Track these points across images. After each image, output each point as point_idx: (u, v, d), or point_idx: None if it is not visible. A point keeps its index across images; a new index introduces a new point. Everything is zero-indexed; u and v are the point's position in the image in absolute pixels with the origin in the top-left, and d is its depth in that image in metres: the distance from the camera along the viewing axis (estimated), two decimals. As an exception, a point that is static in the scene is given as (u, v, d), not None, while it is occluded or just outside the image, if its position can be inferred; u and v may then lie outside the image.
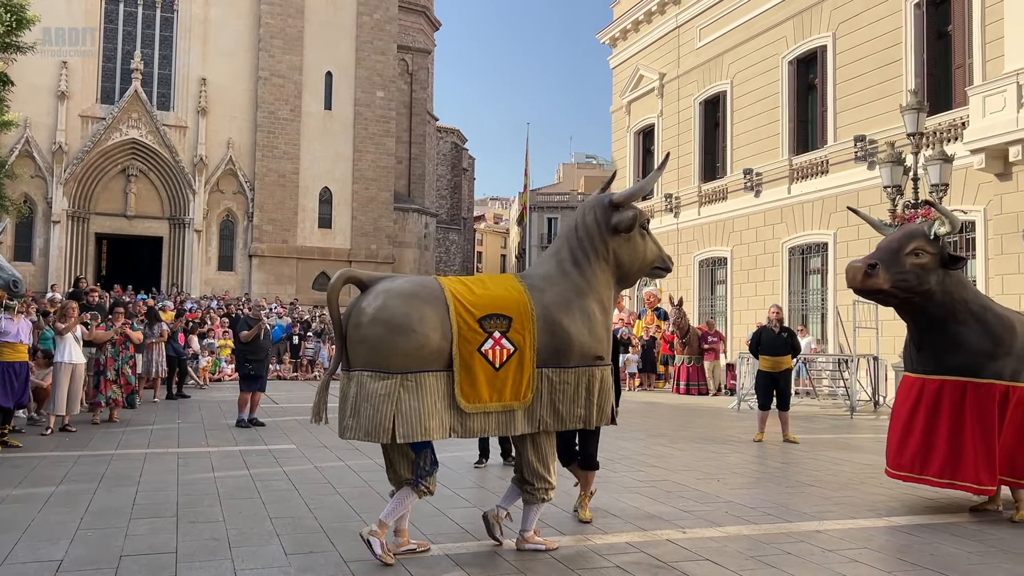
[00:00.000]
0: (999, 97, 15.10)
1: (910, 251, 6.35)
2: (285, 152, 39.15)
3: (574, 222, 5.62)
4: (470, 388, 5.04)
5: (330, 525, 5.95)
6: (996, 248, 15.87)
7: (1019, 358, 6.43)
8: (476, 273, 71.26)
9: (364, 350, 4.94)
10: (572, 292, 5.36)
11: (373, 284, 5.15)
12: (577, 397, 5.29)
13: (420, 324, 4.92)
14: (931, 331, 6.56)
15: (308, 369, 22.38)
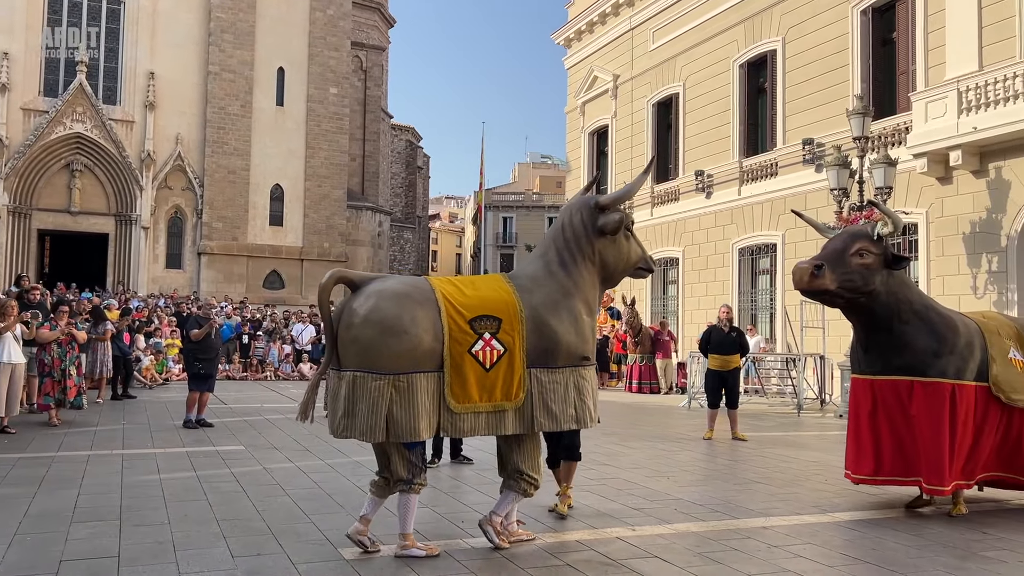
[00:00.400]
0: (941, 103, 15.50)
1: (855, 252, 6.45)
2: (236, 148, 38.59)
3: (560, 223, 5.67)
4: (460, 389, 5.09)
5: (279, 527, 5.87)
6: (938, 250, 16.31)
7: (962, 357, 6.55)
8: (431, 272, 71.03)
9: (356, 350, 4.97)
10: (559, 293, 5.42)
11: (364, 284, 5.19)
12: (568, 397, 5.35)
13: (412, 325, 4.96)
14: (877, 332, 6.65)
15: (258, 369, 22.06)
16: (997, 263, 15.08)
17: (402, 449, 5.12)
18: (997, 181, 15.11)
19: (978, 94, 14.79)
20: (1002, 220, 15.03)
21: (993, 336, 6.76)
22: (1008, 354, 6.76)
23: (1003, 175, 15.01)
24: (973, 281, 15.49)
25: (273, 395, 17.26)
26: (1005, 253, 14.95)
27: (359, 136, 46.06)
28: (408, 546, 5.11)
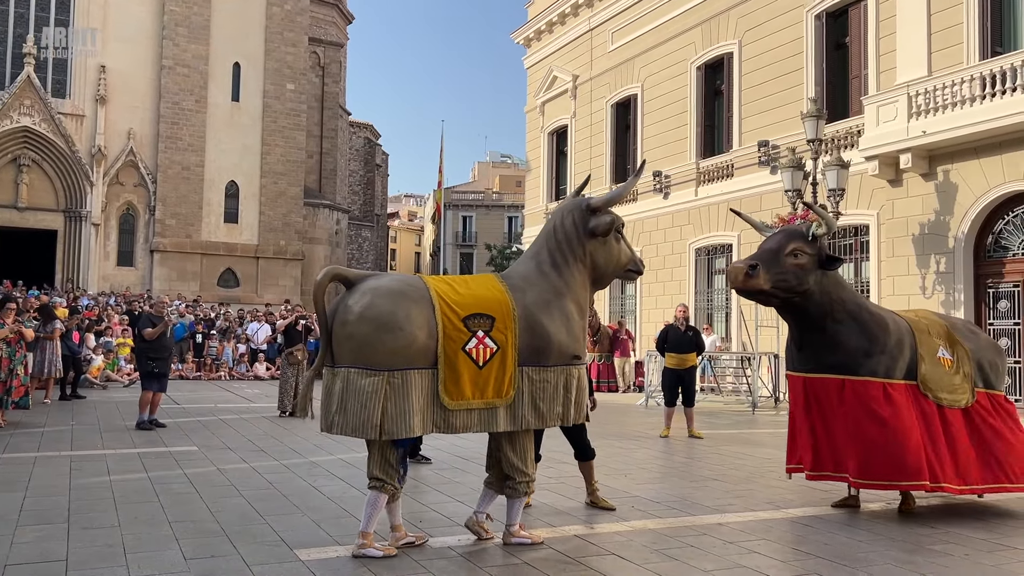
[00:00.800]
0: (891, 107, 15.85)
1: (789, 252, 6.50)
2: (190, 144, 37.93)
3: (552, 225, 5.74)
4: (454, 386, 5.14)
5: (233, 528, 5.78)
6: (888, 251, 16.66)
7: (892, 356, 6.64)
8: (390, 271, 70.66)
9: (351, 347, 5.01)
10: (551, 293, 5.48)
11: (359, 282, 5.23)
12: (556, 395, 5.42)
13: (407, 322, 5.01)
14: (810, 330, 6.72)
15: (212, 368, 21.72)
16: (945, 264, 15.46)
17: (385, 448, 5.15)
18: (945, 184, 15.49)
19: (927, 99, 15.15)
20: (950, 222, 15.41)
21: (923, 335, 6.87)
22: (937, 353, 6.86)
23: (951, 178, 15.39)
24: (922, 281, 15.86)
25: (227, 395, 17.01)
26: (952, 254, 15.33)
27: (316, 133, 45.57)
28: (366, 545, 5.09)
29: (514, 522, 5.53)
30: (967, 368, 6.98)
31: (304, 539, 5.53)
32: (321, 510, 6.44)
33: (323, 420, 5.20)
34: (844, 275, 17.93)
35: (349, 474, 8.03)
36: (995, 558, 5.43)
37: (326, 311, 5.19)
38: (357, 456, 9.15)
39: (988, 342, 7.56)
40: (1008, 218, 14.91)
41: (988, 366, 7.17)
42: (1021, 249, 14.67)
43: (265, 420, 12.56)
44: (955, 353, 6.99)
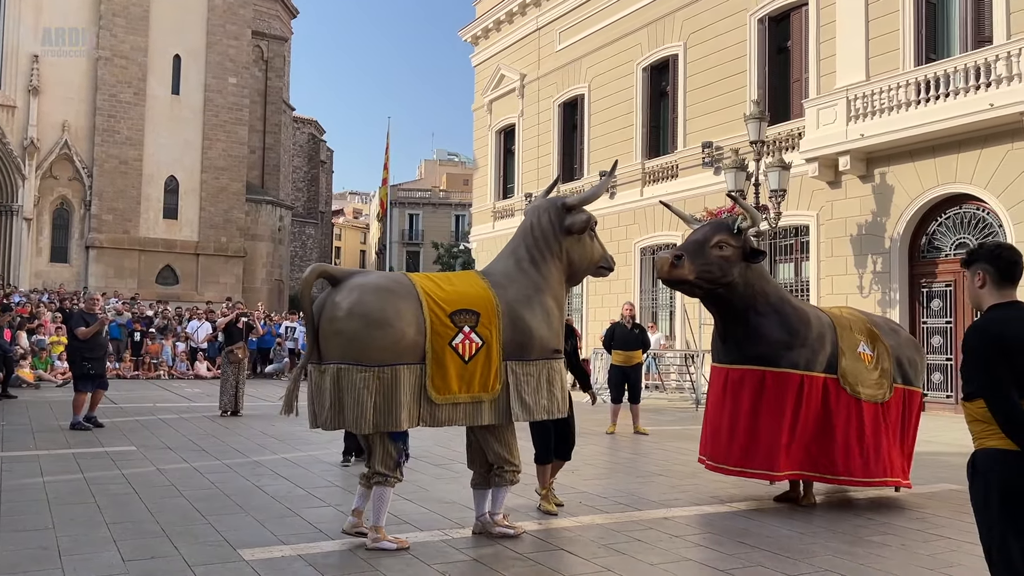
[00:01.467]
0: (831, 110, 16.22)
1: (714, 244, 6.63)
2: (128, 138, 36.94)
3: (529, 223, 5.92)
4: (441, 380, 5.25)
5: (173, 529, 5.64)
6: (827, 251, 17.06)
7: (812, 349, 6.77)
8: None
9: (340, 343, 5.11)
10: (532, 289, 5.66)
11: (346, 279, 5.33)
12: (540, 388, 5.59)
13: (396, 318, 5.12)
14: (734, 322, 6.84)
15: (151, 367, 21.19)
16: (881, 264, 15.89)
17: (387, 442, 5.24)
18: (882, 186, 15.92)
19: (865, 103, 15.55)
20: (886, 223, 15.84)
21: (845, 331, 7.03)
22: (858, 348, 7.03)
23: (887, 180, 15.83)
24: (859, 281, 16.28)
25: (167, 394, 16.61)
26: (888, 255, 15.77)
27: (259, 128, 44.79)
28: (380, 539, 5.19)
29: (499, 511, 5.66)
30: (886, 364, 7.17)
31: (248, 539, 5.43)
32: (265, 510, 6.33)
33: (315, 417, 5.25)
34: (785, 275, 18.39)
35: (294, 473, 7.91)
36: (929, 548, 5.60)
37: (312, 308, 5.28)
38: (302, 455, 9.03)
39: (908, 339, 7.78)
40: (941, 220, 15.39)
41: (907, 363, 7.38)
42: (953, 250, 15.15)
43: (206, 420, 12.30)
44: (876, 349, 7.18)
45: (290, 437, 10.51)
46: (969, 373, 3.27)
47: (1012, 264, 3.32)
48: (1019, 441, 3.10)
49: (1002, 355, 3.14)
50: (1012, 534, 3.10)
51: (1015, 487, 3.12)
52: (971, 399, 3.28)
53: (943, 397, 15.06)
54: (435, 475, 8.02)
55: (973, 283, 3.39)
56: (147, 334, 22.09)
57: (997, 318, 3.27)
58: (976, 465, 3.27)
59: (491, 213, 29.36)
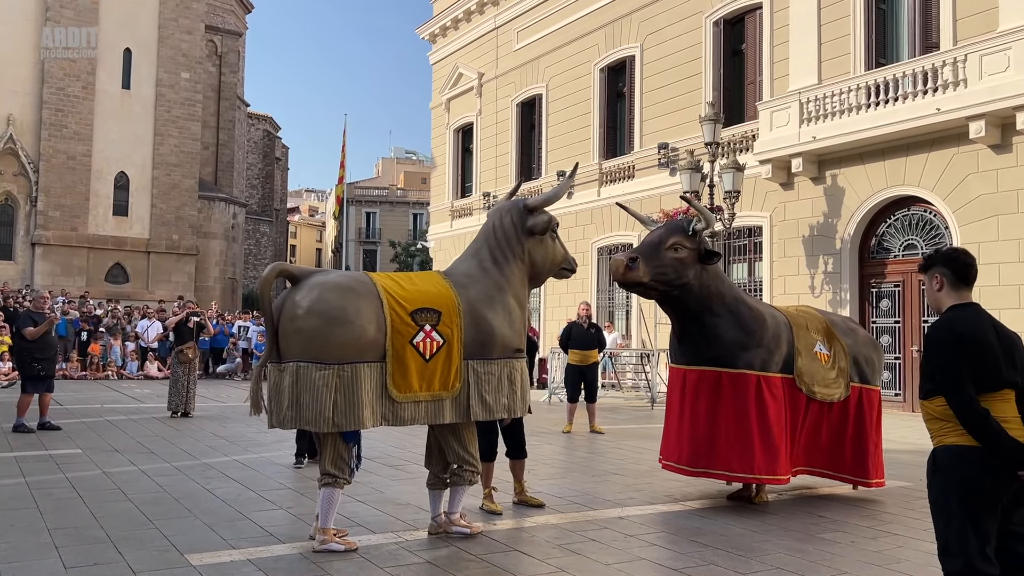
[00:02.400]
0: (784, 113, 16.45)
1: (669, 246, 6.66)
2: (76, 132, 36.02)
3: (491, 224, 5.96)
4: (402, 378, 5.26)
5: (118, 534, 5.49)
6: (780, 251, 17.31)
7: (768, 349, 6.82)
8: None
9: (300, 341, 5.08)
10: (494, 288, 5.68)
11: (305, 278, 5.30)
12: (501, 387, 5.60)
13: (357, 316, 5.11)
14: (690, 323, 6.87)
15: (99, 368, 20.69)
16: (833, 264, 16.16)
17: (338, 443, 5.22)
18: (833, 188, 16.19)
19: (817, 106, 15.79)
20: (837, 224, 16.12)
21: (801, 330, 7.10)
22: (814, 348, 7.11)
23: (839, 182, 16.11)
24: (811, 281, 16.54)
25: (116, 395, 16.23)
26: (840, 255, 16.04)
27: (213, 124, 44.02)
28: (327, 540, 5.15)
29: (456, 511, 5.65)
30: (843, 363, 7.26)
31: (196, 544, 5.32)
32: (215, 513, 6.20)
33: (273, 416, 5.20)
34: (739, 275, 18.62)
35: (245, 476, 7.77)
36: (878, 544, 5.70)
37: (272, 307, 5.24)
38: (253, 457, 8.88)
39: (866, 338, 7.87)
40: (890, 221, 15.70)
41: (864, 362, 7.47)
42: (902, 251, 15.47)
43: (156, 421, 12.04)
44: (832, 348, 7.26)
45: (241, 439, 10.33)
46: (929, 371, 3.36)
47: (967, 267, 3.47)
48: (979, 437, 3.19)
49: (962, 353, 3.25)
50: (971, 529, 3.18)
51: (975, 483, 3.20)
52: (930, 396, 3.36)
53: (891, 395, 15.35)
54: (390, 476, 7.94)
55: (931, 286, 3.51)
56: (96, 334, 21.57)
57: (956, 318, 3.38)
58: (936, 462, 3.35)
59: (449, 212, 29.26)
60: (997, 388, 3.28)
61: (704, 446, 6.72)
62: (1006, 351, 3.32)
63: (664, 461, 7.17)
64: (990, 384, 3.26)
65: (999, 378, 3.27)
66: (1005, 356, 3.31)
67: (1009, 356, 3.32)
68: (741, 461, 6.61)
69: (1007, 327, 3.47)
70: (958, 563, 3.20)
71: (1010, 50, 13.03)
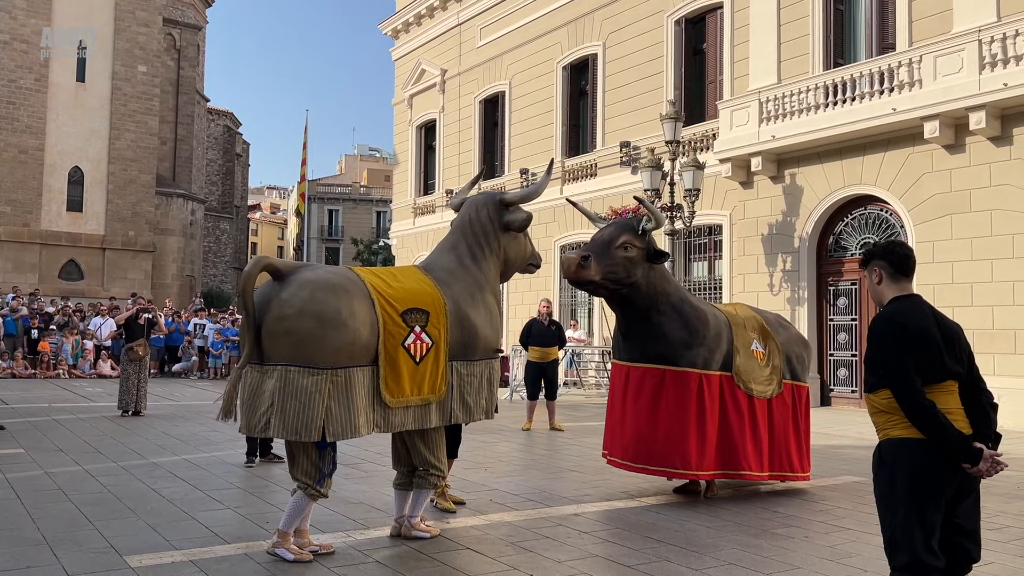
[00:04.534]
0: (744, 112, 16.56)
1: (619, 245, 6.68)
2: (28, 126, 35.19)
3: (467, 217, 5.75)
4: (395, 383, 5.01)
5: (55, 536, 5.30)
6: (740, 250, 17.42)
7: (709, 348, 6.90)
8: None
9: (290, 343, 4.72)
10: (475, 287, 5.51)
11: (292, 274, 4.91)
12: (482, 389, 5.47)
13: (351, 318, 4.80)
14: (636, 321, 6.90)
15: (49, 366, 20.17)
16: (791, 263, 16.30)
17: (311, 451, 4.90)
18: (792, 187, 16.33)
19: (776, 105, 15.92)
20: (795, 223, 16.26)
21: (739, 328, 7.21)
22: (751, 346, 7.22)
23: (797, 181, 16.25)
24: (770, 279, 16.67)
25: (65, 394, 15.82)
26: (798, 254, 16.19)
27: (171, 119, 43.26)
28: (280, 544, 4.87)
29: (418, 514, 5.45)
30: (777, 361, 7.39)
31: (137, 545, 5.14)
32: (159, 513, 6.01)
33: (247, 421, 4.83)
34: (699, 273, 18.72)
35: (194, 475, 7.57)
36: (831, 539, 5.70)
37: (254, 304, 4.80)
38: (203, 456, 8.68)
39: (797, 335, 8.03)
40: (847, 220, 15.87)
41: (795, 359, 7.61)
42: (858, 249, 15.65)
43: (105, 420, 11.74)
44: (767, 346, 7.39)
45: (193, 438, 10.10)
46: (873, 364, 3.32)
47: (904, 258, 3.44)
48: (924, 429, 3.16)
49: (905, 344, 3.22)
50: (916, 522, 3.15)
51: (921, 476, 3.17)
52: (875, 390, 3.33)
53: (848, 392, 15.56)
54: (343, 474, 7.76)
55: (871, 280, 3.50)
56: (47, 331, 21.04)
57: (897, 310, 3.36)
58: (882, 455, 3.32)
59: (412, 209, 29.05)
60: (940, 380, 3.26)
61: (647, 443, 6.73)
62: (947, 342, 3.30)
63: (608, 456, 7.13)
64: (933, 376, 3.24)
65: (942, 370, 3.26)
66: (947, 347, 3.29)
67: (951, 347, 3.30)
68: (682, 458, 6.65)
69: (948, 318, 3.45)
70: (904, 557, 3.17)
71: (963, 51, 13.24)
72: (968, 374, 3.34)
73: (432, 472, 5.39)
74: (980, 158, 13.48)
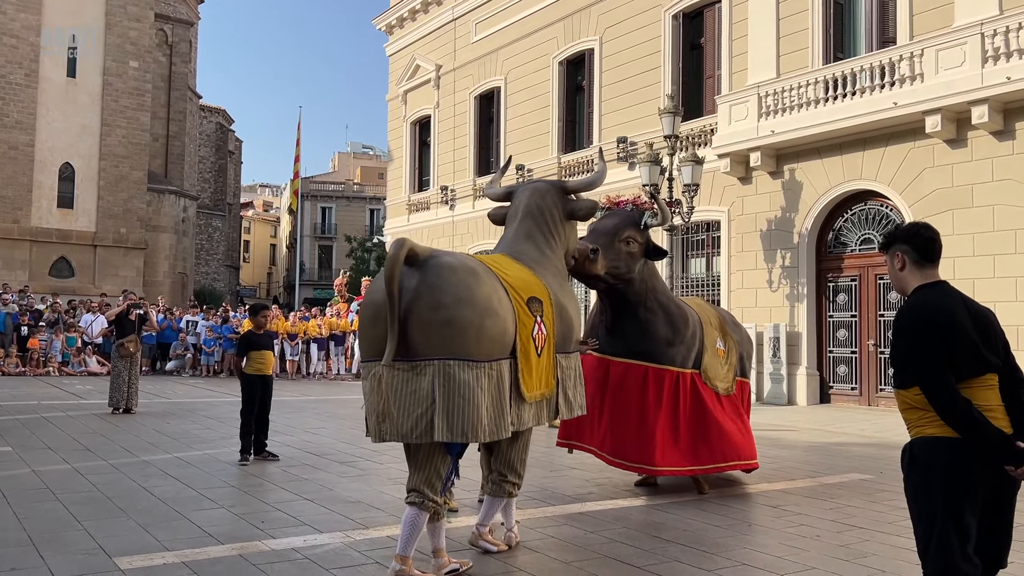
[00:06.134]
0: (742, 107, 16.41)
1: (623, 238, 6.57)
2: (18, 121, 34.84)
3: (535, 205, 5.31)
4: (528, 376, 4.66)
5: (42, 537, 5.10)
6: (738, 246, 17.27)
7: (688, 347, 6.92)
8: (243, 263, 67.79)
9: (449, 335, 4.25)
10: (561, 276, 5.29)
11: (430, 259, 4.44)
12: (578, 383, 5.21)
13: (500, 306, 4.46)
14: (624, 316, 6.80)
15: (39, 364, 19.90)
16: (790, 259, 16.16)
17: (436, 456, 4.42)
18: (791, 182, 16.19)
19: (776, 100, 15.77)
20: (795, 219, 16.12)
21: (708, 327, 7.23)
22: (716, 344, 7.27)
23: (796, 176, 16.10)
24: (769, 275, 16.52)
25: (55, 391, 15.58)
26: (797, 250, 16.05)
27: (163, 115, 42.93)
28: (404, 572, 4.31)
29: (486, 524, 5.04)
30: (733, 359, 7.49)
31: (127, 546, 4.96)
32: (150, 513, 5.82)
33: (396, 426, 4.26)
34: (697, 269, 18.57)
35: (185, 473, 7.38)
36: (843, 538, 5.55)
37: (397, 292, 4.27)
38: (196, 454, 8.48)
39: (747, 335, 8.22)
40: (847, 215, 15.74)
41: (746, 357, 7.85)
42: (859, 245, 15.52)
43: (95, 418, 11.52)
44: (727, 344, 7.46)
45: (185, 435, 9.90)
46: (902, 359, 3.05)
47: (929, 241, 3.17)
48: (961, 429, 2.92)
49: (935, 338, 2.95)
50: (953, 527, 2.92)
51: (956, 477, 2.93)
52: (906, 386, 3.07)
53: (848, 389, 15.43)
54: (340, 473, 7.60)
55: (893, 266, 3.22)
56: (37, 328, 20.76)
57: (923, 299, 3.09)
58: (915, 454, 3.06)
59: (406, 206, 28.84)
60: (979, 373, 2.98)
61: (631, 440, 6.61)
62: (982, 331, 3.02)
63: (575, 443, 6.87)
64: (970, 370, 2.96)
65: (979, 363, 2.98)
66: (982, 338, 3.00)
67: (986, 337, 3.02)
68: (661, 454, 6.56)
69: (978, 303, 3.18)
70: (939, 563, 2.94)
71: (965, 45, 13.10)
72: (1004, 364, 3.06)
73: (511, 480, 4.98)
74: (982, 153, 13.35)
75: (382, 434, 4.33)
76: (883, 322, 14.92)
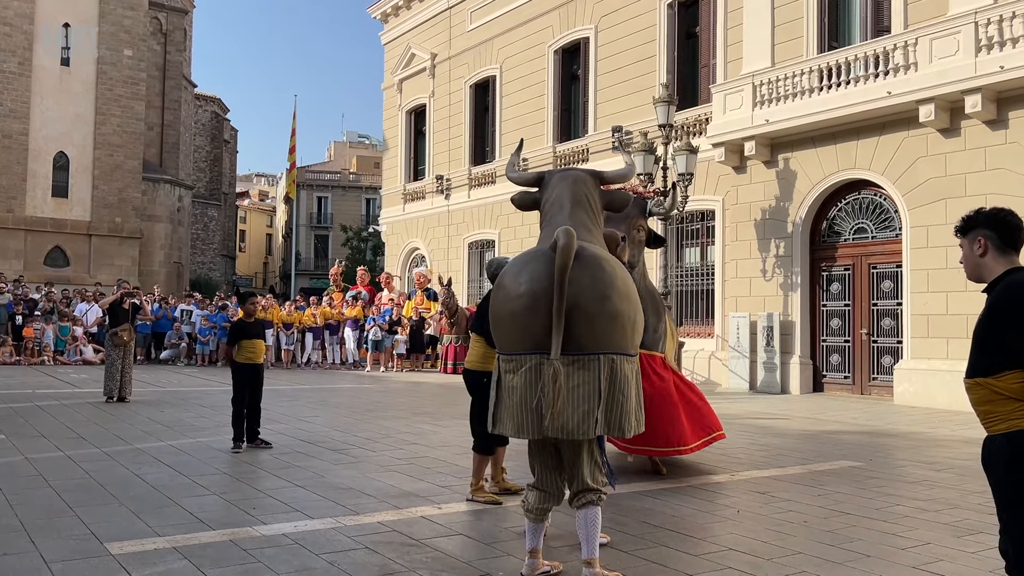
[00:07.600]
0: (737, 96, 16.39)
1: (636, 226, 6.64)
2: (12, 110, 34.71)
3: (580, 193, 4.83)
4: None
5: (33, 523, 5.13)
6: (732, 235, 17.29)
7: (662, 332, 7.14)
8: (239, 253, 67.69)
9: (616, 328, 4.12)
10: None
11: (582, 250, 4.21)
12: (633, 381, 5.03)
13: (638, 298, 4.39)
14: None
15: (34, 353, 19.90)
16: (784, 248, 16.19)
17: (595, 449, 4.30)
18: (785, 171, 16.20)
19: (770, 89, 15.76)
20: (789, 208, 16.14)
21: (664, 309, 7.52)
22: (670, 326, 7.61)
23: (791, 166, 16.12)
24: (763, 264, 16.55)
25: (49, 380, 15.59)
26: (791, 239, 16.07)
27: (158, 104, 42.79)
28: (598, 574, 4.12)
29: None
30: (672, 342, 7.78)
31: (118, 531, 4.99)
32: (142, 499, 5.85)
33: (561, 422, 4.03)
34: (691, 259, 18.59)
35: (178, 461, 7.40)
36: (830, 524, 5.59)
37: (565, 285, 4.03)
38: (189, 442, 8.51)
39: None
40: (841, 205, 15.76)
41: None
42: (852, 234, 15.55)
43: (89, 406, 11.54)
44: (669, 326, 7.69)
45: (178, 424, 9.92)
46: (996, 343, 2.83)
47: (1015, 228, 2.99)
48: None
49: None
50: None
51: None
52: (999, 372, 2.83)
53: (840, 378, 15.49)
54: (332, 460, 7.64)
55: (973, 251, 3.03)
56: (31, 318, 20.74)
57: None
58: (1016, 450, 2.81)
59: (401, 195, 28.82)
60: None
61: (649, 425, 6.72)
62: None
63: None
64: None
65: None
66: None
67: None
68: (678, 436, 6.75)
69: None
70: None
71: (959, 34, 13.10)
72: None
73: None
74: (976, 142, 13.37)
75: (543, 430, 4.08)
76: (876, 311, 14.97)
